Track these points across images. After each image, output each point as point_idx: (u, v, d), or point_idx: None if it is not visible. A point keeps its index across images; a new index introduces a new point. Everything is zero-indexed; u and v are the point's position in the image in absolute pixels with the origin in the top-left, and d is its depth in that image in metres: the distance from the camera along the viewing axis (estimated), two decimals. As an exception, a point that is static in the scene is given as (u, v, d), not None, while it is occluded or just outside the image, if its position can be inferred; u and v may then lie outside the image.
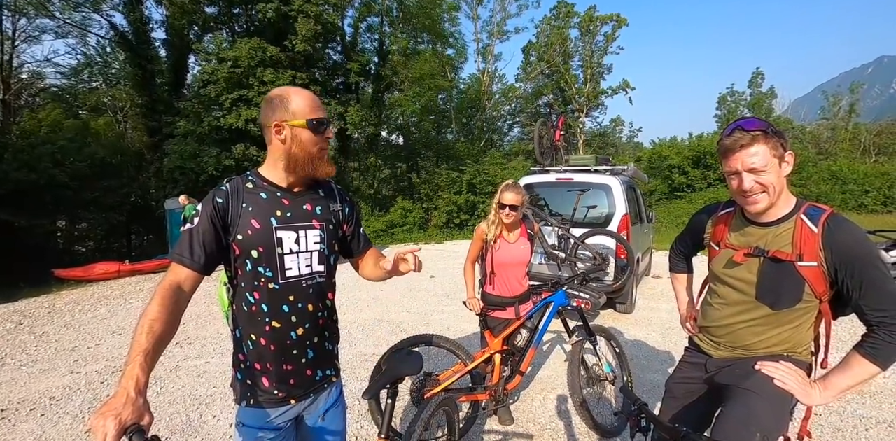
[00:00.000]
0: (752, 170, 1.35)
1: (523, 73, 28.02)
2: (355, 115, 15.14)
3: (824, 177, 21.96)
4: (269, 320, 1.30)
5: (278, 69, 13.74)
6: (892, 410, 3.23)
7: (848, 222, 1.36)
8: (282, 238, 1.31)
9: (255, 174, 1.36)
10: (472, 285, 2.85)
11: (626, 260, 4.87)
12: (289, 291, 1.32)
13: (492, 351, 2.63)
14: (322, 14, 14.22)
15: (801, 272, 1.37)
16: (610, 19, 26.88)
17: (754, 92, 35.02)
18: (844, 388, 1.34)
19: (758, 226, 1.47)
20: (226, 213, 1.26)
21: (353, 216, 1.53)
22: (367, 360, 4.11)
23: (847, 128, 35.80)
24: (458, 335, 4.79)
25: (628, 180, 5.78)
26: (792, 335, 1.47)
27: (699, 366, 1.67)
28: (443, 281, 7.78)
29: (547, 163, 6.27)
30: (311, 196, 1.40)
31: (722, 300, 1.58)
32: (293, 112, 1.27)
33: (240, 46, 13.21)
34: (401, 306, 6.18)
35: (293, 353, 1.35)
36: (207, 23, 15.41)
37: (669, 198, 19.10)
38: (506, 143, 26.38)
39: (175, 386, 3.69)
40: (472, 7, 24.41)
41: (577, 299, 3.08)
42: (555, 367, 3.95)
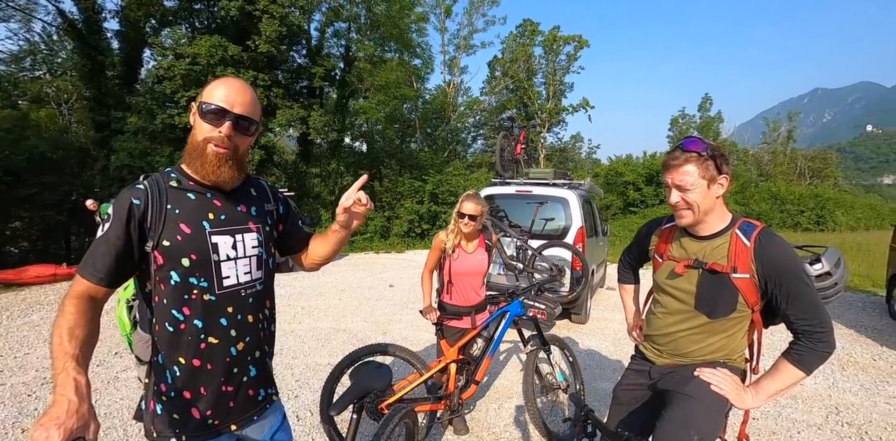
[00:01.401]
0: (679, 187, 1.46)
1: (488, 87, 28.63)
2: (318, 120, 14.93)
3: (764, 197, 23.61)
4: (205, 336, 1.14)
5: (239, 69, 13.37)
6: (822, 414, 3.49)
7: (777, 237, 1.47)
8: (217, 243, 1.16)
9: (178, 171, 1.19)
10: (429, 294, 2.86)
11: (581, 271, 5.02)
12: (227, 302, 1.18)
13: (447, 360, 2.65)
14: (288, 16, 14.00)
15: (736, 283, 1.47)
16: (572, 40, 28.01)
17: (703, 115, 37.25)
18: (774, 393, 1.45)
19: (696, 239, 1.57)
20: (145, 217, 1.09)
21: (289, 213, 1.43)
22: (321, 371, 4.02)
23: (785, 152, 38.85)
24: (416, 344, 4.77)
25: (585, 194, 5.99)
26: (727, 343, 1.57)
27: (644, 373, 1.75)
28: (402, 290, 7.74)
29: (507, 175, 6.41)
30: (243, 196, 1.26)
31: (664, 309, 1.67)
32: (201, 97, 1.14)
33: (200, 43, 12.77)
34: (358, 315, 6.09)
35: (234, 372, 1.20)
36: (166, 16, 14.79)
37: (624, 213, 19.91)
38: (469, 155, 26.70)
39: (112, 398, 3.47)
40: (440, 19, 24.82)
41: (533, 309, 3.15)
42: (511, 376, 4.01)
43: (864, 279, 9.64)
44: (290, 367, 4.21)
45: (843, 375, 4.31)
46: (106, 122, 13.97)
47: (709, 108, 37.13)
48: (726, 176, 1.47)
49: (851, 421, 3.38)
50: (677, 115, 38.39)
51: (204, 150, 1.13)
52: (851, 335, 5.72)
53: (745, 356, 1.66)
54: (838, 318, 6.49)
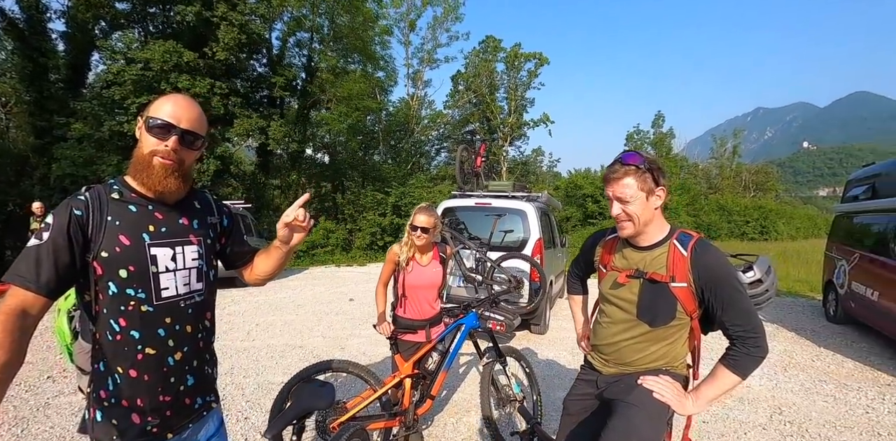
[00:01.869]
0: (620, 199, 1.51)
1: (452, 101, 29.01)
2: (278, 131, 14.64)
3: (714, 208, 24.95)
4: (142, 347, 1.16)
5: (195, 76, 12.99)
6: (766, 414, 3.66)
7: (712, 247, 1.54)
8: (156, 255, 1.18)
9: (120, 183, 1.21)
10: (383, 308, 2.82)
11: (539, 283, 5.09)
12: (165, 313, 1.20)
13: (402, 375, 2.60)
14: (248, 24, 13.77)
15: (674, 292, 1.52)
16: (533, 57, 28.89)
17: (656, 131, 39.02)
18: (713, 397, 1.49)
19: (637, 250, 1.62)
20: (86, 228, 1.10)
21: (233, 227, 1.45)
22: (274, 390, 3.85)
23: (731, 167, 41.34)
24: (374, 360, 4.68)
25: (543, 207, 6.11)
26: (669, 350, 1.62)
27: (591, 382, 1.77)
28: (362, 304, 7.60)
29: (467, 188, 6.46)
30: (186, 209, 1.28)
31: (609, 319, 1.70)
32: (149, 111, 1.17)
33: (153, 48, 12.33)
34: (315, 331, 5.92)
35: (171, 382, 1.22)
36: (117, 19, 14.20)
37: (584, 224, 20.44)
38: (432, 167, 26.83)
39: (42, 427, 3.19)
40: (404, 33, 25.04)
41: (492, 321, 3.16)
42: (469, 389, 3.97)
43: (804, 285, 10.26)
44: (241, 386, 4.03)
45: (785, 376, 4.54)
46: (47, 127, 13.17)
47: (661, 125, 38.96)
48: (663, 188, 1.53)
49: (793, 419, 3.55)
50: (632, 131, 40.03)
51: (150, 163, 1.17)
52: (793, 338, 6.05)
53: (686, 363, 1.71)
54: (780, 322, 6.86)
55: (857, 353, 5.35)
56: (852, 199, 6.93)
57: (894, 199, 5.34)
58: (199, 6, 12.94)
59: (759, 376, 4.50)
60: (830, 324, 6.82)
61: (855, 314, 6.22)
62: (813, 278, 9.93)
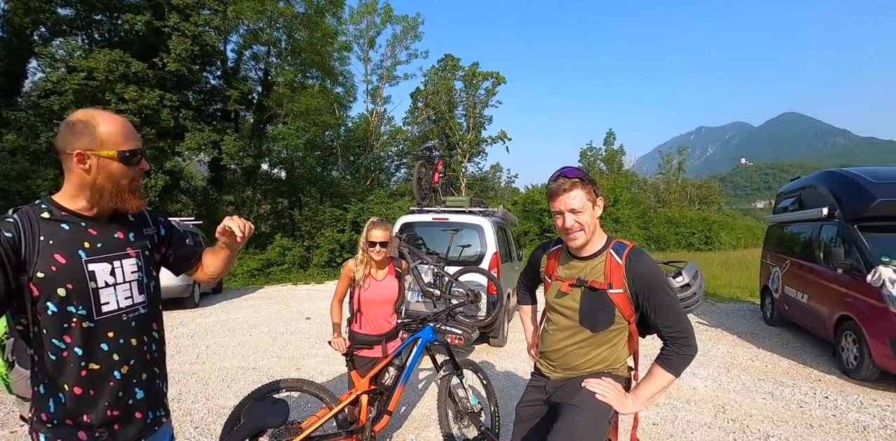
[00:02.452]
0: (572, 210, 1.61)
1: (411, 117, 29.33)
2: (232, 145, 14.22)
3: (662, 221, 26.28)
4: (86, 363, 1.15)
5: (143, 87, 12.47)
6: (711, 413, 3.85)
7: (645, 255, 1.66)
8: (94, 271, 1.18)
9: (49, 202, 1.20)
10: (338, 324, 2.79)
11: (496, 296, 5.17)
12: (107, 328, 1.19)
13: (358, 392, 2.56)
14: (202, 35, 13.41)
15: (612, 298, 1.62)
16: (490, 76, 29.75)
17: (608, 149, 40.82)
18: (650, 396, 1.59)
19: (579, 260, 1.73)
20: (18, 249, 1.08)
21: (171, 235, 1.44)
22: (224, 415, 3.67)
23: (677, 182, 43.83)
24: (331, 378, 4.58)
25: (499, 221, 6.25)
26: (610, 354, 1.71)
27: (540, 388, 1.84)
28: (319, 323, 7.42)
29: (425, 203, 6.53)
30: (120, 223, 1.28)
31: (555, 326, 1.79)
32: (101, 141, 1.14)
33: (98, 57, 11.74)
34: (270, 352, 5.72)
35: (119, 396, 1.21)
36: (59, 25, 13.44)
37: (541, 238, 20.90)
38: (392, 183, 26.80)
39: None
40: (363, 49, 25.16)
41: (450, 335, 3.18)
42: (428, 404, 3.95)
43: (744, 290, 10.91)
44: (190, 412, 3.83)
45: (727, 377, 4.80)
46: (-25, 140, 12.24)
47: (613, 142, 40.85)
48: (602, 198, 1.67)
49: (735, 417, 3.77)
50: (586, 148, 41.73)
51: (132, 190, 1.22)
52: (734, 340, 6.42)
53: (628, 365, 1.81)
54: (723, 326, 7.26)
55: (792, 352, 5.74)
56: (782, 211, 7.52)
57: (818, 209, 5.81)
58: (150, 15, 12.52)
59: (704, 377, 4.75)
60: (767, 326, 7.29)
61: (788, 316, 6.69)
62: (752, 284, 10.57)
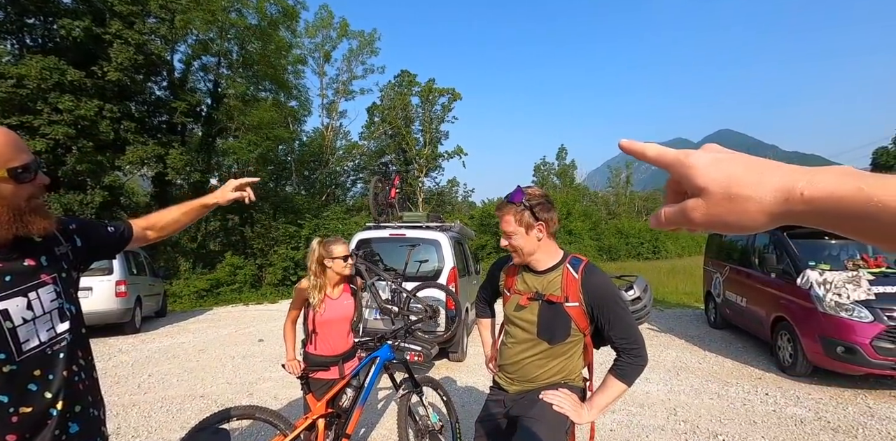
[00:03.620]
0: (505, 233, 1.71)
1: (367, 132, 29.22)
2: (178, 159, 13.60)
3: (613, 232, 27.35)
4: (15, 409, 1.04)
5: (80, 97, 11.73)
6: (663, 416, 3.99)
7: (598, 270, 1.74)
8: (7, 309, 1.05)
9: None
10: (292, 346, 2.69)
11: (455, 310, 5.17)
12: (33, 366, 1.08)
13: (314, 416, 2.47)
14: (146, 44, 12.87)
15: (568, 311, 1.68)
16: (447, 92, 30.26)
17: (560, 163, 42.30)
18: (605, 405, 1.61)
19: (536, 274, 1.77)
20: None
21: (88, 237, 1.30)
22: (168, 448, 3.46)
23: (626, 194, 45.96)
24: (287, 403, 4.39)
25: (456, 236, 6.29)
26: (566, 365, 1.76)
27: (500, 402, 1.86)
28: (273, 344, 7.11)
29: (382, 219, 6.48)
30: (27, 248, 1.13)
31: (513, 339, 1.83)
32: (4, 160, 1.02)
33: (29, 63, 10.99)
34: (219, 377, 5.42)
35: (55, 434, 1.11)
36: (-14, 28, 12.59)
37: (498, 251, 21.17)
38: (348, 199, 26.46)
39: None
40: (318, 63, 24.95)
41: (409, 352, 3.14)
42: (388, 424, 3.85)
43: (690, 296, 11.48)
44: (125, 447, 3.55)
45: (677, 380, 5.00)
46: None
47: (565, 157, 42.41)
48: (542, 223, 1.67)
49: (686, 418, 3.92)
50: (539, 163, 43.04)
51: (33, 210, 1.07)
52: (682, 344, 6.70)
53: (583, 376, 1.86)
54: (671, 331, 7.58)
55: (735, 353, 6.07)
56: (720, 220, 8.01)
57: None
58: (90, 21, 11.88)
59: (656, 382, 4.92)
60: (712, 329, 7.68)
61: (730, 319, 7.09)
62: (697, 290, 11.14)
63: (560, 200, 25.46)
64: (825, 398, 4.37)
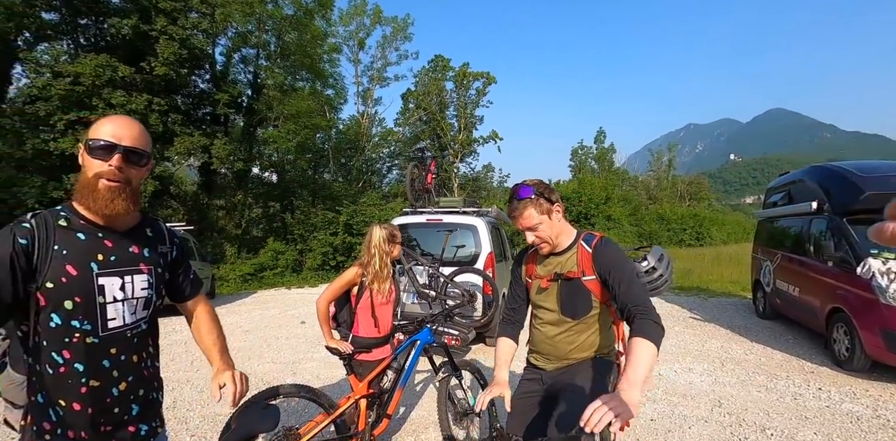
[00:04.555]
0: (529, 228, 1.71)
1: (402, 118, 29.25)
2: (222, 149, 14.12)
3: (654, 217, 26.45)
4: (87, 380, 1.12)
5: (131, 92, 12.34)
6: (707, 407, 3.88)
7: (611, 242, 1.77)
8: (104, 285, 1.14)
9: (69, 209, 1.16)
10: (328, 327, 2.74)
11: (492, 295, 5.17)
12: (111, 344, 1.17)
13: (357, 396, 2.55)
14: (189, 38, 13.31)
15: (587, 285, 1.74)
16: (481, 76, 29.77)
17: (599, 147, 41.05)
18: (642, 378, 1.38)
19: (554, 256, 1.84)
20: (31, 257, 1.05)
21: (182, 259, 1.43)
22: (221, 422, 3.66)
23: (668, 178, 44.21)
24: (329, 383, 4.55)
25: (493, 221, 6.26)
26: (596, 339, 1.81)
27: (536, 380, 1.92)
28: (314, 326, 7.37)
29: (419, 204, 6.52)
30: (137, 236, 1.25)
31: (540, 320, 1.90)
32: (88, 134, 1.14)
33: (84, 62, 11.61)
34: (265, 357, 5.68)
35: (115, 412, 1.19)
36: (44, 30, 13.26)
37: (534, 236, 21.00)
38: (384, 185, 26.75)
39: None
40: (353, 51, 25.09)
41: (446, 336, 3.18)
42: (426, 405, 3.95)
43: (736, 285, 11.04)
44: (185, 420, 3.79)
45: (722, 371, 4.84)
46: (-41, 148, 12.03)
47: (603, 140, 41.08)
48: (557, 204, 1.74)
49: (731, 411, 3.80)
50: (576, 147, 41.91)
51: (96, 186, 1.12)
52: (728, 334, 6.47)
53: (617, 351, 1.90)
54: (716, 321, 7.33)
55: (784, 345, 5.81)
56: (771, 205, 7.60)
57: (807, 203, 5.88)
58: (137, 19, 12.39)
59: (700, 372, 4.79)
60: (760, 319, 7.37)
61: (780, 309, 6.77)
62: (744, 279, 10.70)
63: (598, 185, 24.78)
64: (885, 395, 4.13)
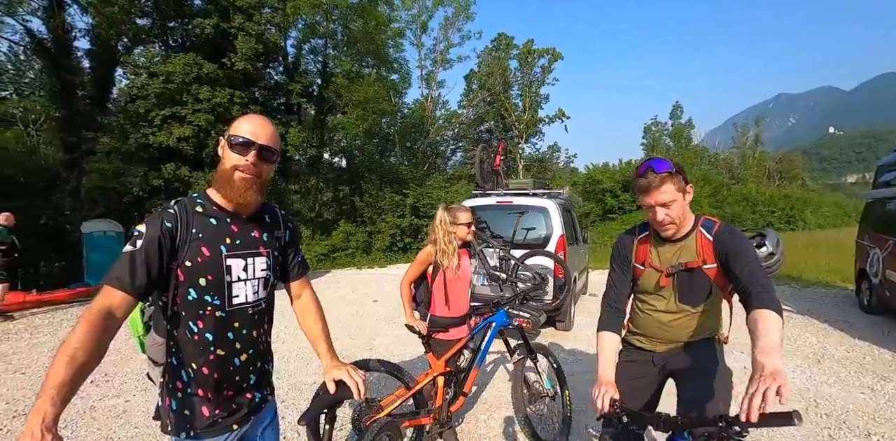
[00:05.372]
0: (664, 204, 1.62)
1: (466, 100, 29.01)
2: (296, 137, 14.87)
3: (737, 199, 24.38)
4: (214, 349, 1.28)
5: (215, 87, 13.28)
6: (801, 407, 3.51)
7: (734, 229, 1.70)
8: (231, 266, 1.29)
9: (204, 197, 1.32)
10: (410, 307, 2.84)
11: (563, 279, 5.09)
12: (235, 319, 1.32)
13: (434, 373, 2.64)
14: (264, 33, 14.02)
15: (707, 273, 1.70)
16: (546, 53, 28.69)
17: (675, 122, 38.34)
18: (777, 345, 1.31)
19: (671, 243, 1.76)
20: (174, 238, 1.21)
21: (294, 242, 1.55)
22: (306, 390, 3.97)
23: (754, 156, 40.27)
24: (403, 359, 4.74)
25: (564, 203, 6.10)
26: (711, 322, 1.81)
27: (645, 362, 1.88)
28: (386, 305, 7.69)
29: (488, 186, 6.49)
30: (258, 222, 1.39)
31: (653, 307, 1.84)
32: (230, 130, 1.29)
33: (174, 61, 12.67)
34: (343, 332, 6.03)
35: (236, 380, 1.34)
36: (139, 35, 14.62)
37: (603, 220, 20.25)
38: (449, 168, 26.86)
39: (89, 429, 3.35)
40: (416, 35, 25.13)
41: (518, 318, 3.19)
42: (498, 386, 4.01)
43: (835, 275, 9.98)
44: (275, 388, 4.14)
45: (819, 369, 4.45)
46: (76, 143, 13.62)
47: (680, 116, 38.28)
48: (692, 185, 1.69)
49: (830, 412, 3.49)
50: (650, 123, 39.43)
51: (232, 177, 1.27)
52: (825, 329, 5.91)
53: (726, 326, 1.90)
54: (811, 313, 6.70)
55: (895, 344, 5.20)
56: (884, 185, 6.72)
57: (929, 183, 5.16)
58: (217, 18, 13.24)
59: (792, 368, 4.43)
60: (864, 314, 6.64)
61: (890, 303, 6.04)
62: (844, 267, 9.64)
63: (674, 165, 23.17)
64: None
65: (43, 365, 4.81)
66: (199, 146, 13.46)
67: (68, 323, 6.83)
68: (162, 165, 12.80)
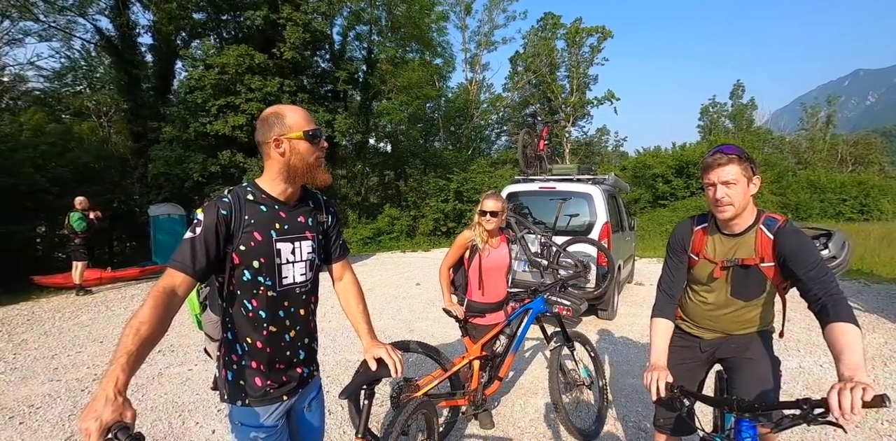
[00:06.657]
0: (725, 183, 1.61)
1: (511, 83, 28.42)
2: (343, 123, 15.19)
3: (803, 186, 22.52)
4: (267, 325, 1.39)
5: (266, 76, 13.75)
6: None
7: (797, 229, 1.64)
8: (280, 249, 1.40)
9: (253, 186, 1.42)
10: (449, 291, 2.89)
11: (606, 267, 4.98)
12: (285, 298, 1.43)
13: (471, 357, 2.69)
14: (311, 22, 14.30)
15: (763, 271, 1.70)
16: (595, 31, 27.47)
17: (735, 103, 35.90)
18: (863, 361, 1.34)
19: (729, 237, 1.75)
20: (229, 225, 1.32)
21: (336, 226, 1.64)
22: (350, 367, 4.14)
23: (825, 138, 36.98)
24: (442, 341, 4.85)
25: (609, 189, 5.91)
26: (762, 316, 1.83)
27: (693, 348, 1.94)
28: (428, 288, 7.83)
29: (531, 172, 6.39)
30: (303, 208, 1.49)
31: (703, 299, 1.87)
32: (289, 126, 1.35)
33: (227, 53, 13.21)
34: (386, 313, 6.22)
35: (286, 354, 1.46)
36: (195, 29, 15.36)
37: (653, 206, 19.43)
38: (493, 152, 26.60)
39: (157, 393, 3.68)
40: (460, 17, 24.77)
41: (558, 306, 3.17)
42: (535, 372, 4.02)
43: (914, 270, 9.14)
44: (321, 364, 4.32)
45: (884, 371, 4.14)
46: (143, 132, 14.63)
47: (741, 96, 35.77)
48: (759, 177, 1.67)
49: (893, 418, 3.25)
50: (707, 104, 37.15)
51: (318, 166, 1.42)
52: (894, 329, 5.46)
53: (777, 320, 1.90)
54: (880, 312, 6.20)
55: (979, 345, 4.74)
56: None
57: None
58: (266, 10, 13.61)
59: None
60: (946, 312, 6.06)
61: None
62: (926, 261, 8.82)
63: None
64: None
65: (117, 335, 5.30)
66: (253, 133, 14.04)
67: (138, 297, 7.45)
68: (219, 152, 13.49)
